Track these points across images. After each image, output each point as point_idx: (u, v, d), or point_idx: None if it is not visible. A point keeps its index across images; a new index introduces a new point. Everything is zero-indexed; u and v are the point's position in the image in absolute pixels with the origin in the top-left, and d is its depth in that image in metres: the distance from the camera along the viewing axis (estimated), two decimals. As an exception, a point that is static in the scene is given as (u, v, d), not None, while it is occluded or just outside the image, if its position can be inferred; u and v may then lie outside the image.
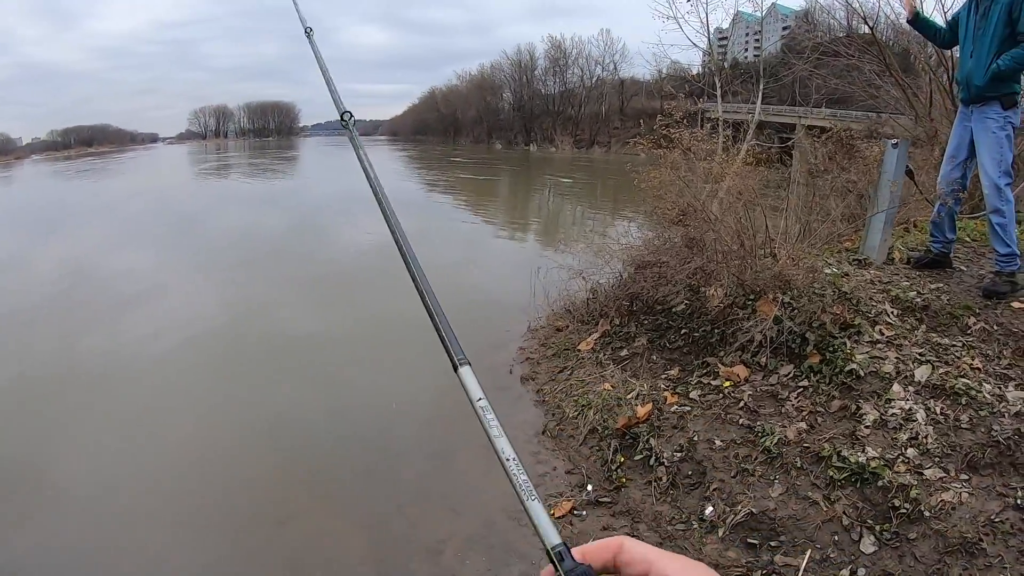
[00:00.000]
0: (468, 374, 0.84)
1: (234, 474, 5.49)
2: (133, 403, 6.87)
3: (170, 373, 7.69)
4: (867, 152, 6.86)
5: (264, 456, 5.75)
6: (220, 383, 7.36)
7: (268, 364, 7.89)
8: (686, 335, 5.93)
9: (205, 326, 9.44)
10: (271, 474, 5.47)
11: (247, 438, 6.07)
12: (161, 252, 15.55)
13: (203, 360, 8.15)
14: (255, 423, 6.32)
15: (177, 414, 6.60)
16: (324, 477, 5.44)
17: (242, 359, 8.15)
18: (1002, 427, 3.90)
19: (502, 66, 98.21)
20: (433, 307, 0.99)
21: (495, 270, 13.16)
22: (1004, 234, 5.19)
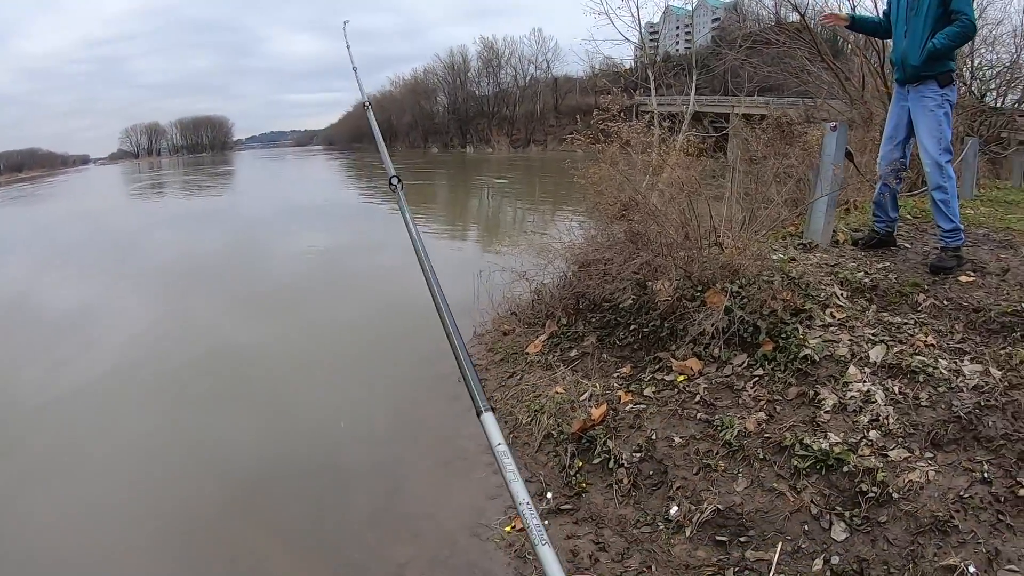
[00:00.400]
0: (490, 421, 0.90)
1: (178, 509, 5.13)
2: (66, 436, 6.49)
3: (107, 401, 7.30)
4: (806, 137, 6.87)
5: (209, 487, 5.42)
6: (159, 410, 6.97)
7: (209, 387, 7.52)
8: (635, 331, 5.82)
9: (142, 351, 8.99)
10: (218, 507, 5.14)
11: (189, 468, 5.71)
12: (96, 277, 14.95)
13: (141, 387, 7.71)
14: (197, 451, 5.97)
15: (114, 445, 6.22)
16: (275, 507, 5.13)
17: (182, 383, 7.72)
18: (962, 402, 3.85)
19: (435, 69, 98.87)
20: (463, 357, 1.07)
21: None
22: (948, 210, 5.22)
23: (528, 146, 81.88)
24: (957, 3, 4.96)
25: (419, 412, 6.16)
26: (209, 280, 13.57)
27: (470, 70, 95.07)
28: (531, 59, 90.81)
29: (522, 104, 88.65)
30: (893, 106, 5.65)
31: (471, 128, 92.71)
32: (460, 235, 19.36)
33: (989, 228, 6.79)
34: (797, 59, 12.57)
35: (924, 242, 6.14)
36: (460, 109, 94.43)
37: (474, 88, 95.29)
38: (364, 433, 6.10)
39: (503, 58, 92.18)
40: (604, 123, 6.67)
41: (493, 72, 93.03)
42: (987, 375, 4.03)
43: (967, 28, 5.08)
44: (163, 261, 16.17)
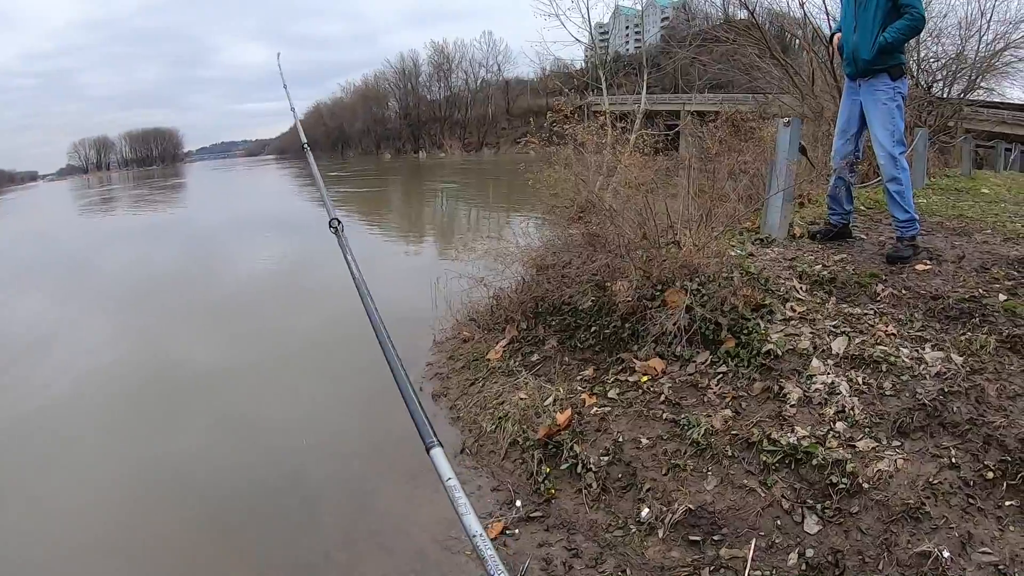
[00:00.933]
0: (439, 456, 0.93)
1: (139, 536, 4.91)
2: (13, 460, 6.23)
3: (55, 424, 7.01)
4: (760, 133, 6.91)
5: (168, 512, 5.18)
6: (114, 432, 6.70)
7: (165, 406, 7.26)
8: (596, 333, 5.78)
9: (95, 371, 8.64)
10: (179, 533, 4.93)
11: (149, 492, 5.47)
12: (46, 296, 14.49)
13: (93, 408, 7.42)
14: (156, 475, 5.72)
15: (65, 468, 5.97)
16: (239, 530, 4.93)
17: (136, 403, 7.43)
18: (925, 389, 3.88)
19: (386, 75, 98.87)
20: (406, 391, 1.10)
21: (393, 284, 12.79)
22: (902, 200, 5.28)
23: (481, 150, 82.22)
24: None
25: (384, 424, 6.00)
26: (161, 297, 13.20)
27: (421, 75, 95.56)
28: (482, 62, 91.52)
29: (474, 108, 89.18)
30: (844, 100, 5.70)
31: (424, 133, 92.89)
32: (415, 242, 19.21)
33: (942, 216, 6.88)
34: (747, 56, 12.73)
35: (880, 232, 6.20)
36: (412, 114, 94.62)
37: (425, 93, 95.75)
38: (329, 449, 5.94)
39: (454, 62, 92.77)
40: (557, 124, 6.64)
41: (444, 76, 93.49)
42: (949, 361, 4.06)
43: (916, 21, 5.14)
44: (114, 279, 15.78)
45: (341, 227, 1.61)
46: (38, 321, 11.85)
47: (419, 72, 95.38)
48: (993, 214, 6.82)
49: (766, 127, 7.03)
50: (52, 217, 43.55)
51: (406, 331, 8.60)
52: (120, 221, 36.45)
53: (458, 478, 4.00)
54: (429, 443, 0.81)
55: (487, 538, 0.64)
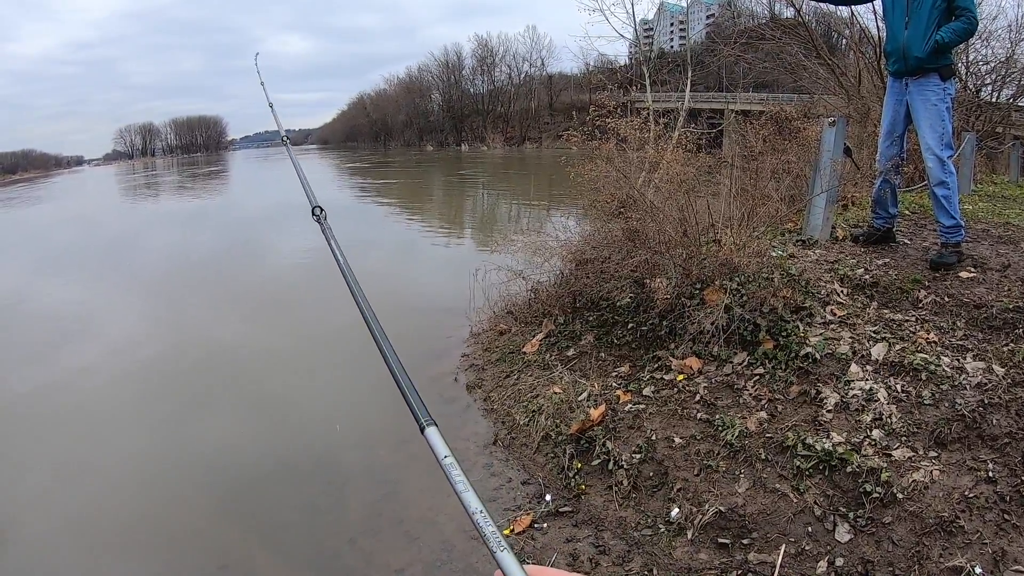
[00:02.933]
0: (434, 434, 0.87)
1: (167, 513, 5.05)
2: (54, 437, 6.41)
3: (94, 403, 7.22)
4: (805, 132, 6.82)
5: (200, 491, 5.34)
6: (152, 415, 6.84)
7: (202, 392, 7.42)
8: (633, 330, 5.76)
9: (136, 356, 8.84)
10: (208, 511, 5.07)
11: (179, 471, 5.63)
12: (91, 279, 14.78)
13: (133, 391, 7.61)
14: (188, 454, 5.90)
15: (102, 447, 6.16)
16: (266, 513, 5.04)
17: (174, 388, 7.62)
18: (965, 400, 3.81)
19: (430, 68, 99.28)
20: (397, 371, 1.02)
21: (431, 273, 12.89)
22: (949, 206, 5.18)
23: (523, 144, 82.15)
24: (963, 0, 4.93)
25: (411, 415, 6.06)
26: (198, 283, 13.47)
27: (464, 68, 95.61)
28: (525, 56, 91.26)
29: (517, 102, 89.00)
30: (888, 100, 5.58)
31: (466, 126, 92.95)
32: (454, 233, 19.28)
33: (988, 223, 6.75)
34: (793, 55, 12.57)
35: (923, 238, 6.09)
36: (455, 107, 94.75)
37: (468, 86, 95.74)
38: (357, 436, 6.03)
39: (497, 56, 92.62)
40: (600, 120, 6.61)
41: (488, 70, 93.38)
42: (990, 372, 3.98)
43: (971, 24, 5.04)
44: (154, 264, 16.04)
45: (324, 215, 1.62)
46: (81, 304, 12.12)
47: (462, 65, 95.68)
48: (1041, 224, 6.69)
49: (811, 126, 6.94)
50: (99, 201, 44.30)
51: (441, 320, 8.68)
52: (164, 206, 37.10)
53: (487, 469, 4.04)
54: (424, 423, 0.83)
55: (488, 515, 0.65)
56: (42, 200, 50.11)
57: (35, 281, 14.89)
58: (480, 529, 0.69)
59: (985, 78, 12.69)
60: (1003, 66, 12.53)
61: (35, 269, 16.41)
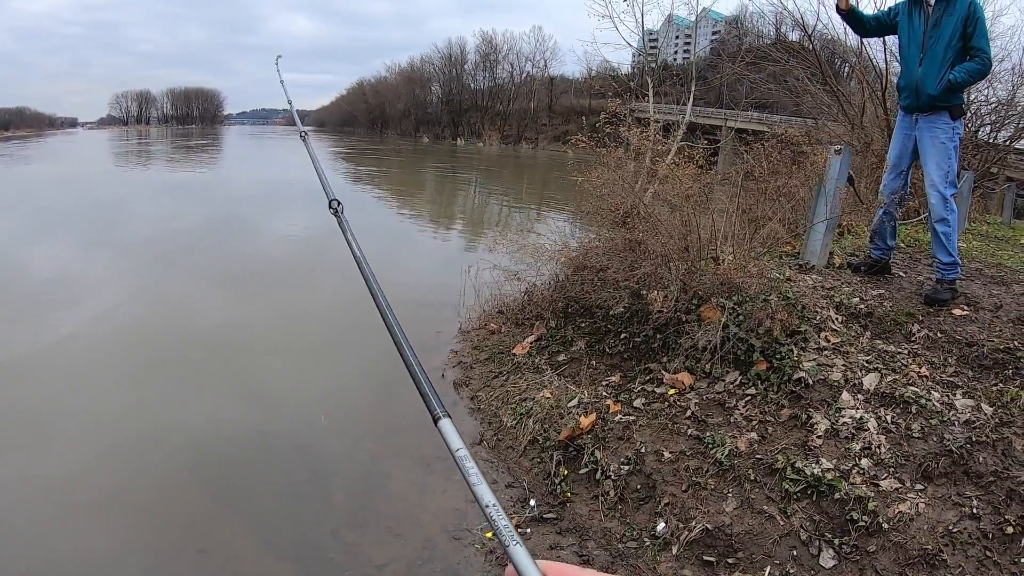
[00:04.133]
0: (448, 426, 0.84)
1: (147, 496, 4.96)
2: (35, 411, 6.24)
3: (77, 380, 7.01)
4: (812, 158, 6.87)
5: (180, 475, 5.25)
6: (132, 392, 6.71)
7: (185, 370, 7.33)
8: (626, 340, 5.80)
9: (118, 327, 8.73)
10: (188, 496, 5.00)
11: (161, 454, 5.52)
12: (75, 245, 14.58)
13: (114, 365, 7.46)
14: (171, 437, 5.77)
15: (81, 423, 6.00)
16: (248, 499, 5.00)
17: (157, 364, 7.48)
18: (953, 436, 3.85)
19: (432, 59, 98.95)
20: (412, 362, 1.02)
21: (422, 266, 12.85)
22: (948, 243, 5.25)
23: (519, 143, 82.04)
24: (978, 40, 4.99)
25: (400, 408, 6.03)
26: (187, 259, 13.23)
27: (467, 62, 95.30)
28: (529, 56, 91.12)
29: (516, 101, 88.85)
30: (897, 134, 5.63)
31: (464, 120, 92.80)
32: (445, 229, 19.25)
33: (982, 263, 6.83)
34: (797, 78, 12.66)
35: (918, 272, 6.16)
36: (454, 101, 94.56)
37: (470, 81, 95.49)
38: (343, 427, 6.00)
39: (501, 53, 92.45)
40: (609, 126, 6.64)
41: (490, 66, 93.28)
42: (979, 411, 4.03)
43: (985, 66, 5.11)
44: (141, 235, 15.83)
45: (341, 208, 1.63)
46: (66, 272, 11.94)
47: (465, 60, 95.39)
48: (1033, 267, 6.77)
49: (818, 152, 6.99)
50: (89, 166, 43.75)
51: (430, 315, 8.66)
52: (159, 175, 36.63)
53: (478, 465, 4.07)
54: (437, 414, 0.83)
55: (500, 508, 0.66)
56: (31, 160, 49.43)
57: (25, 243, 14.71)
58: (493, 523, 0.69)
59: (985, 118, 12.80)
60: (1003, 107, 12.64)
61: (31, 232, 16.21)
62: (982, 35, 5.05)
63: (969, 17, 4.97)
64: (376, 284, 1.24)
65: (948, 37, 5.04)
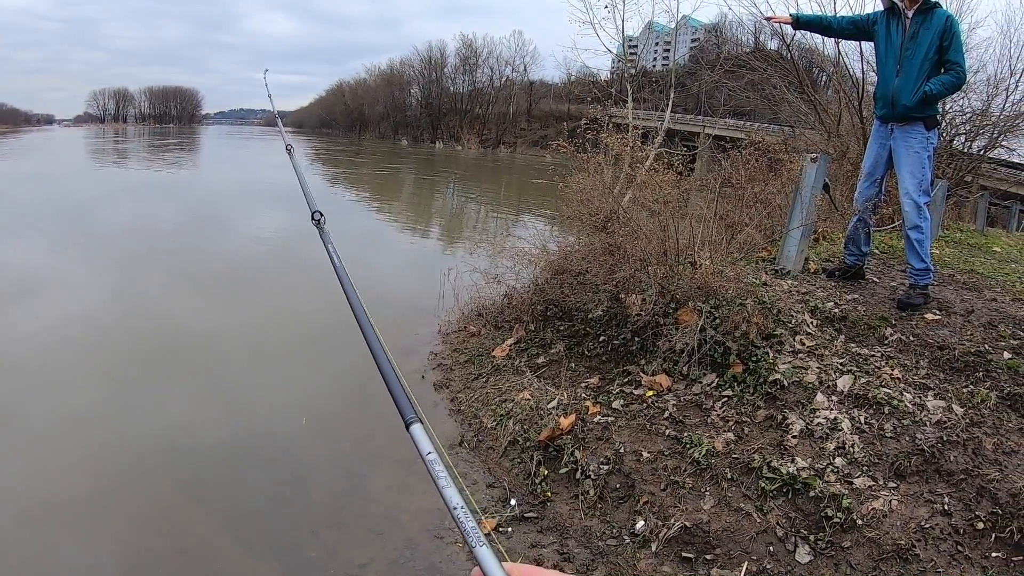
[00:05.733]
0: (419, 431, 0.88)
1: (125, 497, 4.92)
2: (5, 414, 6.10)
3: (48, 379, 6.90)
4: (790, 165, 6.97)
5: (158, 477, 5.20)
6: (106, 392, 6.64)
7: (161, 371, 7.24)
8: (605, 343, 5.85)
9: (90, 327, 8.60)
10: (168, 496, 4.96)
11: (137, 454, 5.48)
12: (47, 242, 14.31)
13: (87, 365, 7.37)
14: (146, 437, 5.71)
15: (57, 429, 5.87)
16: (227, 499, 4.98)
17: (131, 364, 7.39)
18: (925, 435, 3.94)
19: (412, 62, 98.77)
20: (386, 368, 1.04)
21: (400, 268, 12.84)
22: (921, 249, 5.35)
23: (498, 147, 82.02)
24: (954, 54, 5.11)
25: (380, 409, 6.01)
26: (161, 259, 13.06)
27: (447, 66, 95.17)
28: (509, 61, 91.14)
29: (495, 105, 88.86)
30: (872, 143, 5.73)
31: (443, 124, 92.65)
32: (423, 232, 19.24)
33: (954, 269, 6.94)
34: (776, 87, 12.82)
35: (892, 277, 6.26)
36: (433, 104, 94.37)
37: (449, 84, 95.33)
38: (322, 429, 5.97)
39: (481, 57, 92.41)
40: (590, 132, 6.71)
41: (470, 70, 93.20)
42: (950, 411, 4.13)
43: (960, 79, 5.25)
44: (115, 234, 15.62)
45: (323, 220, 1.67)
46: (34, 270, 11.73)
47: (445, 63, 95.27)
48: (1004, 273, 6.88)
49: (794, 160, 7.10)
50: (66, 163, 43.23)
51: (409, 317, 8.68)
52: (134, 175, 36.19)
53: (454, 469, 4.08)
54: (409, 419, 0.87)
55: (468, 510, 0.70)
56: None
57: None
58: (460, 524, 0.72)
59: (959, 128, 13.00)
60: (978, 117, 12.84)
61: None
62: (958, 49, 5.16)
63: (946, 31, 5.08)
64: (355, 294, 1.29)
65: (925, 50, 5.14)
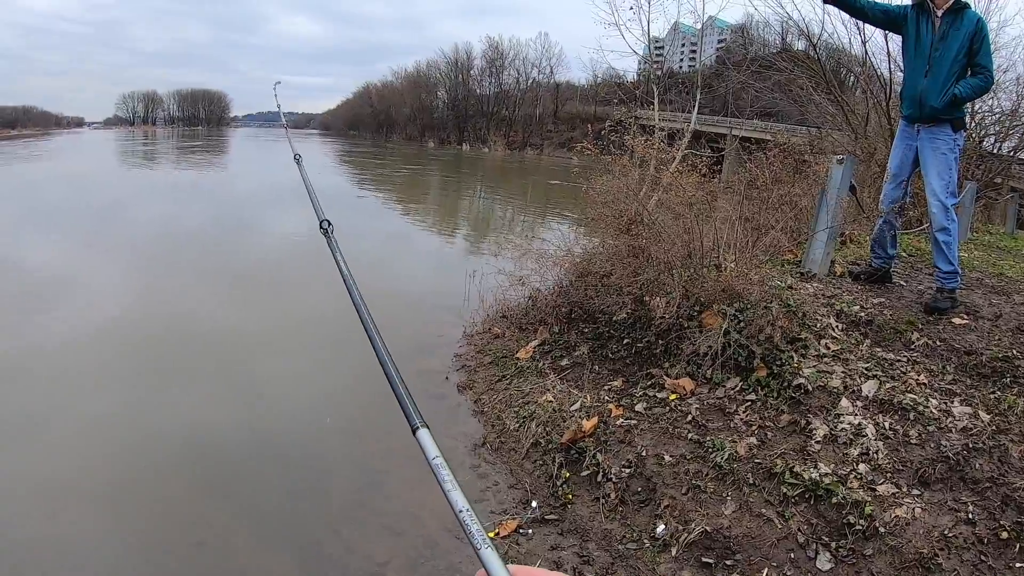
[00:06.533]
0: (425, 436, 0.88)
1: (144, 487, 5.02)
2: (33, 405, 6.29)
3: (75, 373, 7.07)
4: (816, 167, 6.91)
5: (180, 468, 5.30)
6: (130, 386, 6.78)
7: (185, 366, 7.40)
8: (628, 345, 5.85)
9: (118, 323, 8.77)
10: (187, 489, 5.04)
11: (161, 449, 5.56)
12: (77, 242, 14.62)
13: (113, 360, 7.51)
14: (169, 433, 5.82)
15: (81, 425, 5.99)
16: (246, 494, 5.04)
17: (156, 360, 7.55)
18: (950, 442, 3.89)
19: (438, 64, 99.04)
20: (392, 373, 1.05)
21: (425, 272, 12.90)
22: (948, 252, 5.28)
23: (525, 149, 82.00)
24: (982, 57, 5.05)
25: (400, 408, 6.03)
26: (190, 259, 13.30)
27: (473, 68, 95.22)
28: (535, 63, 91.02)
29: (522, 107, 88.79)
30: (898, 144, 5.67)
31: (469, 126, 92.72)
32: (450, 234, 19.26)
33: (982, 273, 6.86)
34: (803, 87, 12.70)
35: (919, 281, 6.20)
36: (460, 106, 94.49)
37: (475, 86, 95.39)
38: (343, 426, 6.05)
39: (507, 59, 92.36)
40: (616, 134, 6.70)
41: (496, 72, 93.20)
42: (976, 418, 4.08)
43: (988, 82, 5.19)
44: (145, 234, 15.84)
45: (331, 228, 1.69)
46: (69, 269, 11.97)
47: (471, 65, 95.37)
48: (1033, 276, 6.79)
49: (820, 162, 7.04)
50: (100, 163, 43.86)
51: (434, 318, 8.73)
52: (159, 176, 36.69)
53: (474, 471, 4.11)
54: (415, 425, 0.89)
55: (473, 513, 0.71)
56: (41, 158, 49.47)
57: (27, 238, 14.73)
58: (465, 527, 0.71)
59: (989, 128, 12.79)
60: (1008, 118, 12.64)
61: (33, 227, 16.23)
62: (987, 52, 5.10)
63: (976, 33, 5.02)
64: (362, 302, 1.29)
65: (955, 52, 5.08)
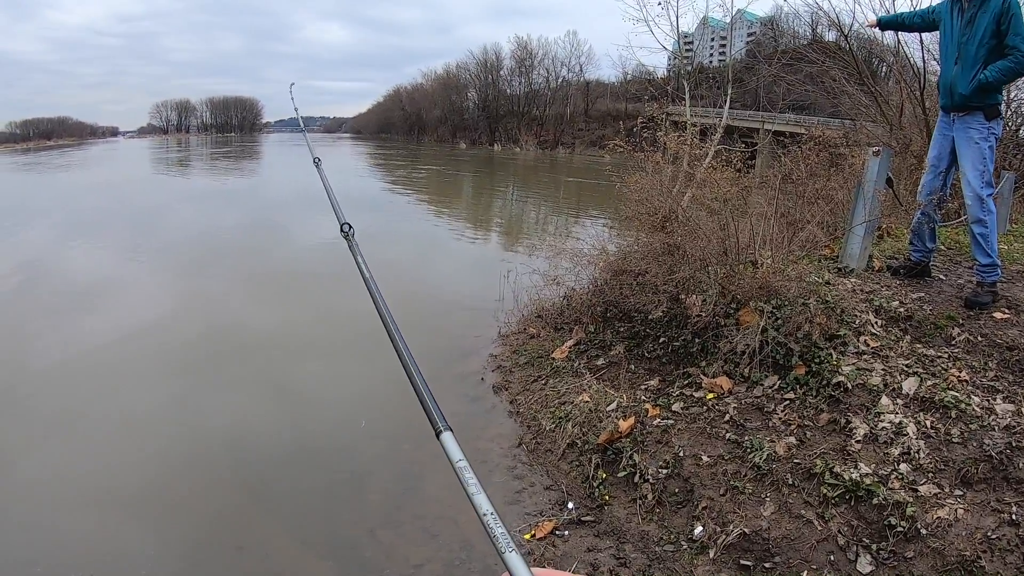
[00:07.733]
0: (449, 439, 0.89)
1: (186, 492, 5.14)
2: (74, 407, 6.49)
3: (119, 379, 7.25)
4: (851, 160, 6.81)
5: (219, 472, 5.44)
6: (173, 392, 6.93)
7: (225, 371, 7.58)
8: (664, 344, 5.82)
9: (159, 329, 8.98)
10: (227, 493, 5.17)
11: (201, 452, 5.73)
12: (117, 248, 15.02)
13: (155, 366, 7.69)
14: (209, 435, 6.00)
15: (123, 427, 6.19)
16: (285, 497, 5.14)
17: (197, 366, 7.73)
18: (993, 441, 3.82)
19: (468, 65, 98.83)
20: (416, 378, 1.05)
21: (460, 273, 12.95)
22: (986, 244, 5.16)
23: (556, 148, 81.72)
24: (1013, 37, 4.87)
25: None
26: (227, 264, 13.56)
27: (503, 68, 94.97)
28: (564, 61, 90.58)
29: (552, 106, 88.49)
30: (936, 134, 5.57)
31: (500, 126, 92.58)
32: (484, 233, 19.34)
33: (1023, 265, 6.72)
34: (835, 79, 12.52)
35: (959, 274, 6.08)
36: (490, 107, 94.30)
37: (505, 87, 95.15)
38: (380, 428, 6.09)
39: (536, 58, 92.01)
40: (647, 130, 6.66)
41: (526, 72, 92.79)
42: (1019, 415, 4.00)
43: (1020, 64, 4.97)
44: (189, 238, 16.21)
45: (352, 232, 1.71)
46: (110, 276, 12.30)
47: (501, 66, 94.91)
48: (1077, 268, 6.62)
49: (856, 154, 6.94)
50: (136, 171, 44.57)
51: (469, 319, 8.76)
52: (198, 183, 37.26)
53: (510, 472, 4.12)
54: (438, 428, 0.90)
55: (498, 516, 0.72)
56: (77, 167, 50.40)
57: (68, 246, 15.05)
58: (490, 530, 0.73)
59: (1027, 115, 12.50)
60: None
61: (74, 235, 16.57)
62: (1017, 31, 4.91)
63: (1003, 13, 4.86)
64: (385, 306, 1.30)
65: (981, 35, 4.95)
